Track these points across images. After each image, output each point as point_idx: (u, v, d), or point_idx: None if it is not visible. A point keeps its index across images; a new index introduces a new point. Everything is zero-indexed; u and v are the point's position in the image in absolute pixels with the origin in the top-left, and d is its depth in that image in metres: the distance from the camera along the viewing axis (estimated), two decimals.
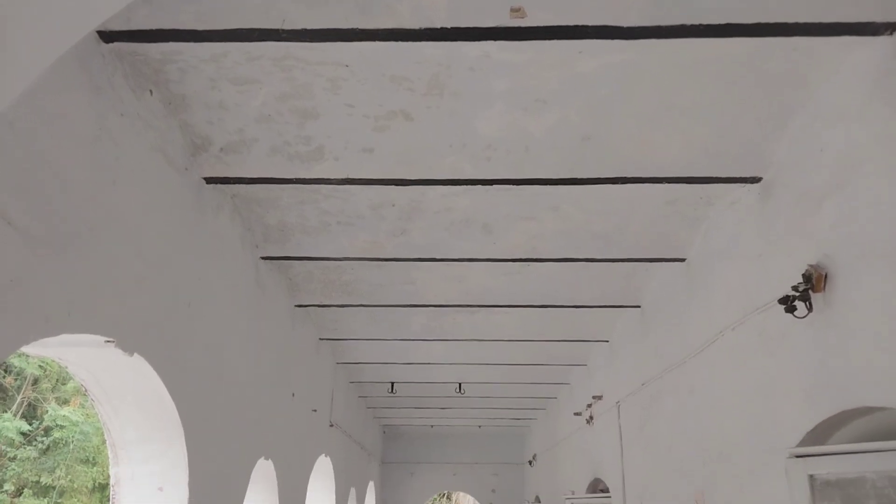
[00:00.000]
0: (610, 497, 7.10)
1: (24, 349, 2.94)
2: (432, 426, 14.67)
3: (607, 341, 7.15)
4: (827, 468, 2.90)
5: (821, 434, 3.17)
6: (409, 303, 6.15)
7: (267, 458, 5.43)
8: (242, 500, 4.76)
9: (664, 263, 5.05)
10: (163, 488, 3.76)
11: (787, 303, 3.14)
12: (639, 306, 5.97)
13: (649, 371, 5.73)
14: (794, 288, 3.10)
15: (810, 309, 3.08)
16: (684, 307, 4.90)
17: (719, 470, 4.27)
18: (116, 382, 3.46)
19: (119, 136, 2.89)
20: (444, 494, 25.75)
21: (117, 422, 3.66)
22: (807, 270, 3.07)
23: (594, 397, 7.66)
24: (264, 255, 4.92)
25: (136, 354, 3.14)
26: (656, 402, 5.60)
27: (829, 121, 3.07)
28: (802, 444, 3.18)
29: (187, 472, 3.75)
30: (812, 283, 3.03)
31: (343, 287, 5.84)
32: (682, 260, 4.84)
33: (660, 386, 5.50)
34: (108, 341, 2.96)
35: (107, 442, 3.75)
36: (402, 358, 8.51)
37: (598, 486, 8.16)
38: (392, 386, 9.90)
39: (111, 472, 3.79)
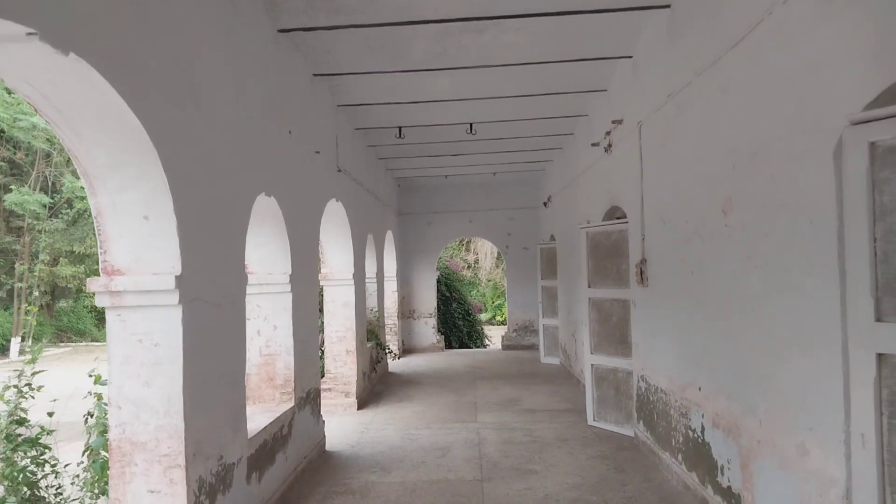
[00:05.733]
0: (627, 223, 6.95)
1: None
2: (446, 176, 14.52)
3: (630, 57, 6.46)
4: (893, 132, 2.47)
5: (884, 104, 2.70)
6: (405, 19, 5.43)
7: (269, 195, 5.18)
8: (244, 234, 4.58)
9: None
10: (148, 217, 3.50)
11: None
12: (668, 6, 5.21)
13: (677, 81, 5.15)
14: None
15: None
16: None
17: (751, 170, 3.90)
18: (68, 98, 3.01)
19: None
20: (462, 241, 26.81)
21: (83, 147, 3.28)
22: None
23: (614, 122, 7.17)
24: None
25: (71, 54, 2.64)
26: (682, 112, 5.11)
27: None
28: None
29: (171, 198, 3.46)
30: None
31: (328, 3, 5.11)
32: None
33: (687, 94, 4.96)
34: (31, 33, 2.44)
35: (77, 171, 3.41)
36: (407, 96, 7.93)
37: (614, 215, 8.04)
38: (400, 130, 9.44)
39: (90, 203, 3.51)
